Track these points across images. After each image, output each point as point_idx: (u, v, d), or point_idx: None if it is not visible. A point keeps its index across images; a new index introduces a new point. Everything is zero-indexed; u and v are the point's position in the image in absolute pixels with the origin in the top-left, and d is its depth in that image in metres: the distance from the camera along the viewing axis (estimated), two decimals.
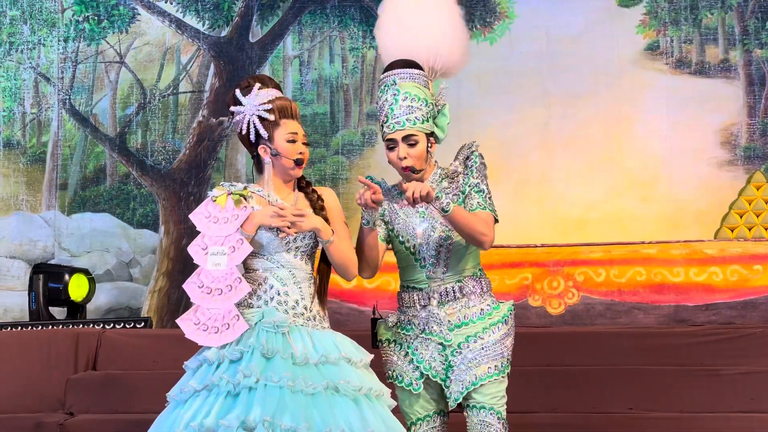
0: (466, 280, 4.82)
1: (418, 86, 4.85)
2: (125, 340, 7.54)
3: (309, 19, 9.94)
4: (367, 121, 9.74)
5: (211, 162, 9.80)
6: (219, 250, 4.56)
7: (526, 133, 9.49)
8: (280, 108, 4.73)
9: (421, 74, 4.89)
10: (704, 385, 6.60)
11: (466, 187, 4.82)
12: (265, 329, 4.49)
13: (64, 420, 6.97)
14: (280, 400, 4.27)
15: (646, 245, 8.02)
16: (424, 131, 4.80)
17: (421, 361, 4.79)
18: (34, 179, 9.94)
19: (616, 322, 7.73)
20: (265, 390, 4.30)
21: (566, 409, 6.59)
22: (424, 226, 4.82)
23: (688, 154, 9.31)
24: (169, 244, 9.73)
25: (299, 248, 4.65)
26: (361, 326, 7.60)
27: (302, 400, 4.31)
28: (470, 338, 4.76)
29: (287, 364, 4.39)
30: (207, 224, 4.63)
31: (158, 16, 10.04)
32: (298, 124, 4.74)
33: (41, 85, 10.05)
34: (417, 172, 4.80)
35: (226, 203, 4.63)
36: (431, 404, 4.85)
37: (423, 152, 4.80)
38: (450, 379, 4.75)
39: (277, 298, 4.59)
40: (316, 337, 4.55)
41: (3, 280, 9.81)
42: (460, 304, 4.80)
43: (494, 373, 4.73)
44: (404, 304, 4.89)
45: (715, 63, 9.48)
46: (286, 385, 4.30)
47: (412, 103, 4.81)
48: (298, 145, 4.70)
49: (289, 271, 4.64)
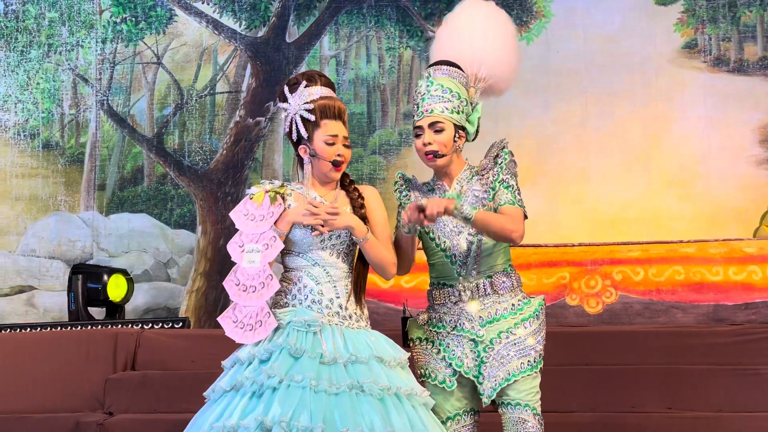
0: (497, 275, 4.82)
1: (452, 80, 4.87)
2: (163, 340, 7.56)
3: (345, 19, 9.95)
4: (404, 120, 9.74)
5: (248, 162, 9.82)
6: (254, 248, 4.58)
7: (563, 132, 9.47)
8: (321, 108, 4.71)
9: (461, 73, 4.91)
10: (743, 384, 6.56)
11: (496, 183, 4.83)
12: (296, 328, 4.50)
13: (104, 419, 7.00)
14: (301, 399, 4.27)
15: (684, 244, 7.99)
16: (451, 120, 4.81)
17: (453, 358, 4.79)
18: (72, 180, 10.00)
19: (655, 321, 7.70)
20: (287, 390, 4.31)
21: (604, 408, 6.56)
22: (455, 223, 4.83)
23: (726, 153, 9.26)
24: (206, 244, 9.76)
25: (335, 246, 4.64)
26: (398, 326, 7.61)
27: (324, 400, 4.31)
28: (502, 334, 4.76)
29: (314, 363, 4.39)
30: (244, 222, 4.65)
31: (195, 16, 10.08)
32: (342, 124, 4.72)
33: (79, 87, 10.11)
34: (439, 156, 4.80)
35: (263, 201, 4.64)
36: (462, 402, 4.85)
37: (449, 140, 4.81)
38: (482, 375, 4.75)
39: (311, 297, 4.60)
40: (348, 335, 4.55)
41: (42, 280, 9.87)
42: (491, 300, 4.81)
43: (527, 368, 4.73)
44: (435, 301, 4.90)
45: (754, 61, 9.42)
46: (308, 385, 4.31)
47: (443, 93, 4.84)
48: (337, 147, 4.69)
49: (324, 269, 4.64)
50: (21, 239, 9.94)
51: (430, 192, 4.95)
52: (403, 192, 5.02)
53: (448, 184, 4.91)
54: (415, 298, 7.13)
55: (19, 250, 9.93)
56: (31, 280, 9.88)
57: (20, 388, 7.34)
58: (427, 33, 9.73)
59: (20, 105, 10.08)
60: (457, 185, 4.89)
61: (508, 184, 4.83)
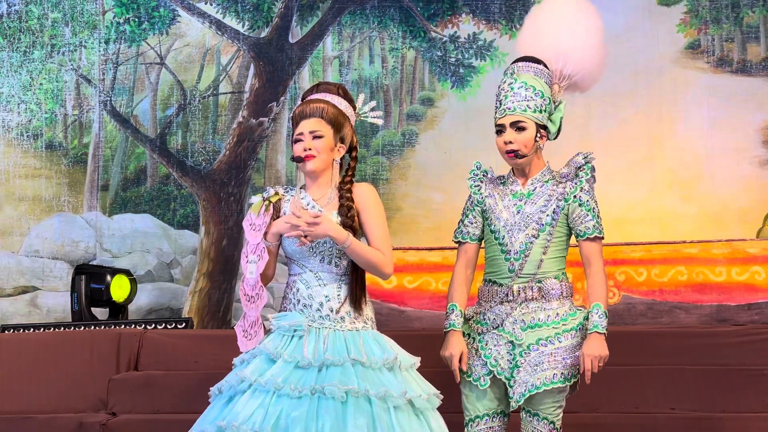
0: (547, 281, 4.79)
1: (536, 78, 4.84)
2: (167, 341, 7.57)
3: (348, 20, 9.95)
4: (407, 121, 9.73)
5: (251, 163, 9.82)
6: (253, 259, 4.65)
7: (566, 132, 9.44)
8: (297, 113, 4.80)
9: (545, 71, 4.89)
10: (747, 385, 6.56)
11: (570, 197, 4.80)
12: (281, 333, 4.58)
13: (107, 420, 7.00)
14: (261, 403, 4.35)
15: (687, 244, 7.98)
16: (534, 120, 4.79)
17: (488, 357, 4.77)
18: (75, 180, 10.00)
19: (658, 322, 7.70)
20: (252, 394, 4.40)
21: (608, 409, 6.56)
22: (517, 220, 4.82)
23: (729, 153, 9.26)
24: (209, 244, 9.76)
25: (323, 252, 4.68)
26: (401, 326, 7.61)
27: (284, 404, 4.37)
28: (541, 341, 4.73)
29: (287, 367, 4.47)
30: (249, 232, 4.71)
31: (198, 17, 10.08)
32: (315, 120, 4.74)
33: (82, 87, 10.11)
34: (521, 156, 4.79)
35: (260, 211, 4.69)
36: (494, 403, 4.82)
37: (530, 140, 4.79)
38: (514, 379, 4.73)
39: (303, 301, 4.67)
40: (332, 339, 4.59)
41: (46, 281, 9.87)
42: (536, 305, 4.78)
43: (559, 380, 4.70)
44: (483, 298, 4.88)
45: (757, 61, 9.42)
46: (272, 389, 4.38)
47: (526, 92, 4.81)
48: (304, 143, 4.72)
49: (315, 273, 4.69)
50: (24, 240, 9.94)
51: (502, 185, 4.93)
52: (475, 182, 5.00)
53: (523, 182, 4.89)
54: (417, 299, 7.14)
55: (22, 251, 9.93)
56: (35, 280, 9.88)
57: (23, 388, 7.35)
58: (429, 33, 9.74)
59: (23, 105, 10.08)
60: (531, 185, 4.87)
61: (590, 207, 4.82)
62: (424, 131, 9.63)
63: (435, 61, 9.75)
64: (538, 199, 4.81)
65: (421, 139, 9.61)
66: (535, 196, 4.82)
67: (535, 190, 4.84)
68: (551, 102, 4.86)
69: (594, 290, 4.80)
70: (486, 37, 9.69)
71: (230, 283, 9.62)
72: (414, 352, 4.77)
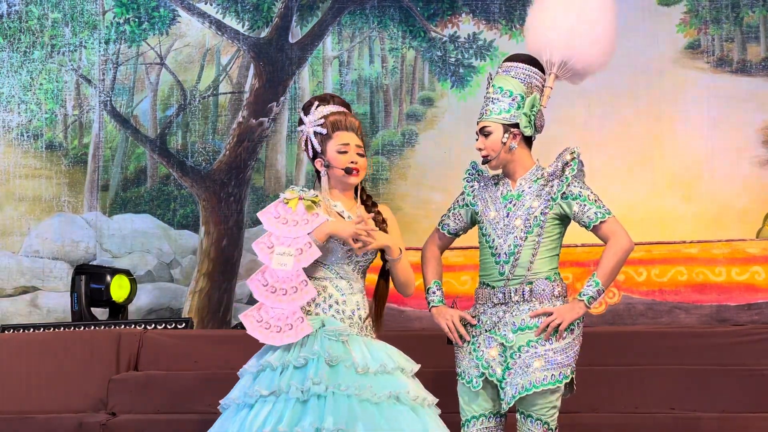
0: (539, 282, 4.78)
1: (508, 78, 4.85)
2: (166, 341, 7.57)
3: (348, 20, 9.95)
4: (407, 121, 9.73)
5: (251, 163, 9.82)
6: (285, 251, 4.61)
7: (565, 132, 9.43)
8: (333, 122, 4.82)
9: (523, 67, 4.87)
10: (747, 385, 6.56)
11: (557, 196, 4.81)
12: (328, 337, 4.55)
13: (107, 420, 7.01)
14: (350, 409, 4.35)
15: (687, 245, 7.99)
16: (498, 122, 4.80)
17: (480, 359, 4.78)
18: (75, 181, 10.00)
19: (658, 322, 7.70)
20: (334, 398, 4.37)
21: (607, 409, 6.57)
22: (506, 223, 4.83)
23: (729, 153, 9.25)
24: (209, 244, 9.76)
25: (359, 262, 4.75)
26: (401, 326, 7.61)
27: (370, 409, 4.38)
28: (531, 342, 4.73)
29: (351, 372, 4.45)
30: (276, 224, 4.69)
31: (198, 17, 10.08)
32: (355, 135, 4.81)
33: (82, 87, 10.11)
34: (487, 160, 4.85)
35: (297, 207, 4.69)
36: (489, 403, 4.83)
37: (496, 143, 4.81)
38: (506, 381, 4.73)
39: (336, 307, 4.68)
40: (372, 347, 4.62)
41: (46, 281, 9.87)
42: (527, 306, 4.78)
43: (549, 382, 4.69)
44: (479, 300, 4.90)
45: (757, 61, 9.42)
46: (353, 394, 4.37)
47: (494, 95, 4.84)
48: (350, 155, 4.77)
49: (348, 282, 4.74)
50: (24, 240, 9.95)
51: (494, 186, 4.94)
52: (470, 182, 5.03)
53: (512, 183, 4.91)
54: (416, 299, 7.14)
55: (22, 251, 9.93)
56: (35, 280, 9.88)
57: (24, 388, 7.35)
58: (429, 33, 9.73)
59: (23, 106, 10.09)
60: (520, 186, 4.88)
61: (586, 197, 4.83)
62: (423, 131, 9.63)
63: (435, 61, 9.75)
64: (527, 201, 4.82)
65: (420, 139, 9.61)
66: (524, 198, 4.83)
67: (524, 191, 4.85)
68: (524, 98, 4.84)
69: (600, 264, 4.80)
70: (486, 37, 9.69)
71: (230, 283, 9.62)
72: (414, 352, 4.79)
